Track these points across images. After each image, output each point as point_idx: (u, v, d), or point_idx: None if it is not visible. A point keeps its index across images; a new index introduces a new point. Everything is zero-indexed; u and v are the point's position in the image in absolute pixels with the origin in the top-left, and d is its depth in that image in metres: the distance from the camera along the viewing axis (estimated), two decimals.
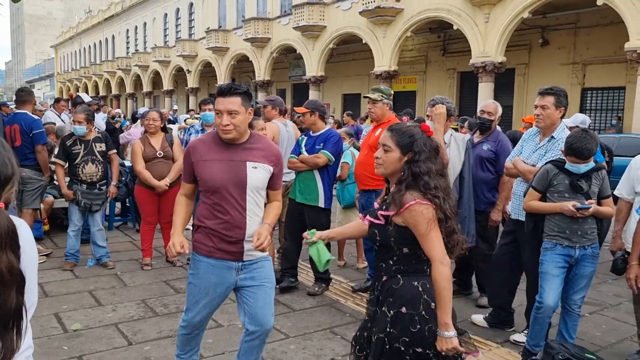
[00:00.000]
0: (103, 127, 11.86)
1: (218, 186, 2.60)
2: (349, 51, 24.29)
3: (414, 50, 23.03)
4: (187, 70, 33.66)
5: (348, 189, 5.42)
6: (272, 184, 2.78)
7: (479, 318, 4.20)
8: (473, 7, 16.95)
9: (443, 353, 2.06)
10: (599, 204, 3.29)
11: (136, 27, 42.94)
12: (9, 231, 1.31)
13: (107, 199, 5.60)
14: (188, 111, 24.16)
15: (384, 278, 2.19)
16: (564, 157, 3.29)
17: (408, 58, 22.75)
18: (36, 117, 5.72)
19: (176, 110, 23.66)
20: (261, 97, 28.11)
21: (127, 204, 7.41)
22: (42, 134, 5.56)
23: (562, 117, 3.75)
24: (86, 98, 9.19)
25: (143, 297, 4.56)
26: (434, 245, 2.07)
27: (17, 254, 1.33)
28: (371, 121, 4.88)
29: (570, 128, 4.09)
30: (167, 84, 36.91)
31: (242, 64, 29.79)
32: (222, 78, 30.51)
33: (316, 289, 4.73)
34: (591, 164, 3.22)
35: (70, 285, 4.84)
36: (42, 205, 6.06)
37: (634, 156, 3.71)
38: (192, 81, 33.65)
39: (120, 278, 5.08)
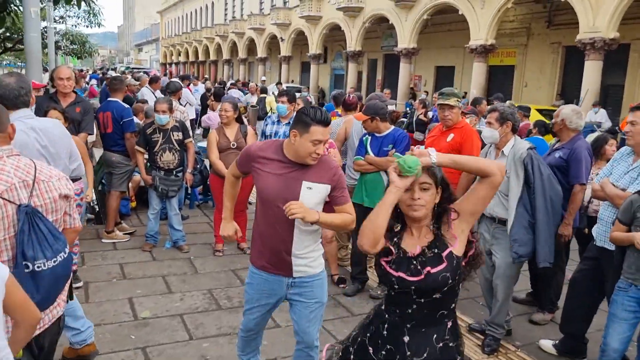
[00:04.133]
0: (195, 101, 12.29)
1: (269, 199, 2.60)
2: (444, 21, 23.15)
3: (515, 21, 21.48)
4: (281, 38, 33.99)
5: None
6: (336, 199, 2.65)
7: (547, 344, 3.92)
8: None
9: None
10: None
11: None
12: None
13: (183, 186, 5.82)
14: (278, 82, 24.47)
15: (449, 324, 2.04)
16: None
17: (508, 30, 21.30)
18: (127, 105, 5.98)
19: (264, 81, 24.11)
20: (352, 67, 27.78)
21: (208, 183, 7.67)
22: (132, 122, 5.82)
23: None
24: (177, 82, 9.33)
25: (210, 287, 4.73)
26: None
27: None
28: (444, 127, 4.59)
29: None
30: (261, 51, 37.57)
31: (334, 33, 29.52)
32: (314, 47, 30.48)
33: (379, 292, 4.64)
34: None
35: (146, 267, 5.14)
36: (130, 184, 6.44)
37: None
38: (285, 49, 33.97)
39: (193, 263, 5.31)
